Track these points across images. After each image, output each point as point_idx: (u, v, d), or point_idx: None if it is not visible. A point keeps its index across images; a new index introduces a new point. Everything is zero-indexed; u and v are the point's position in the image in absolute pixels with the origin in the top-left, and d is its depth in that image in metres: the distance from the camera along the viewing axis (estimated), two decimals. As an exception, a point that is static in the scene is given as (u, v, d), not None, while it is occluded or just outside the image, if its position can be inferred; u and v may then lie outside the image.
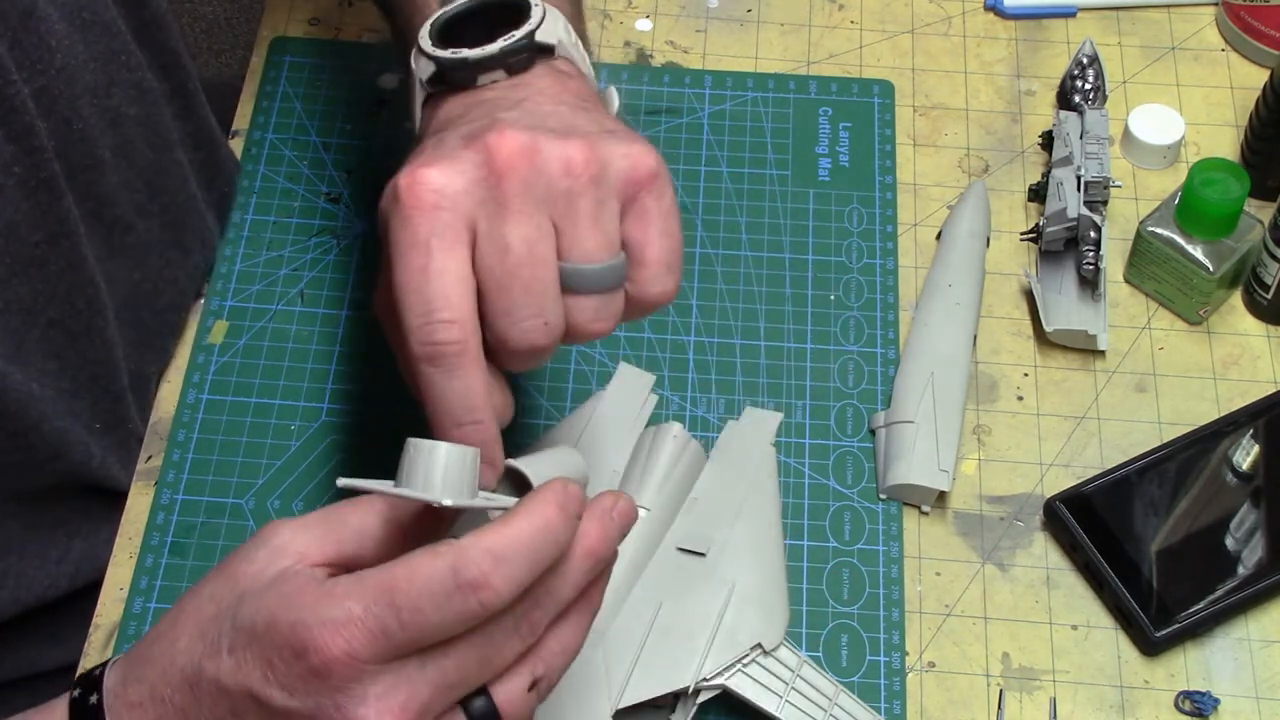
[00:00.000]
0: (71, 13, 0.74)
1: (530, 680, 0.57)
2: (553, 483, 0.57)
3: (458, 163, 0.59)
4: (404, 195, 0.59)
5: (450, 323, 0.58)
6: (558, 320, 0.60)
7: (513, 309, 0.59)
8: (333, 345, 0.88)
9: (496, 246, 0.58)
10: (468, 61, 0.66)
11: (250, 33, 2.02)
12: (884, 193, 0.94)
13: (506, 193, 0.59)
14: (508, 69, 0.66)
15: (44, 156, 0.71)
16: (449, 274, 0.58)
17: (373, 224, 0.93)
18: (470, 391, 0.58)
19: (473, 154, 0.59)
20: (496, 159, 0.59)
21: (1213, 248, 0.87)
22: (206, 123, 0.89)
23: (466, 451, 0.56)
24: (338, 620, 0.53)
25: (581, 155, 0.60)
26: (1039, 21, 1.03)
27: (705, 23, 1.03)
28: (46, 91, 0.72)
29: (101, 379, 0.79)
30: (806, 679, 0.74)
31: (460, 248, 0.58)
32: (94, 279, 0.77)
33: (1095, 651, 0.79)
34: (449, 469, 0.55)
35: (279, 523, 0.59)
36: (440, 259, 0.58)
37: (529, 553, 0.54)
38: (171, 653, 0.58)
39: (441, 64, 0.66)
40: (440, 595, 0.53)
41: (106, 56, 0.77)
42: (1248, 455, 0.83)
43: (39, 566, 0.80)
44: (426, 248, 0.58)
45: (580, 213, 0.60)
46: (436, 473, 0.55)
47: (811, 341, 0.88)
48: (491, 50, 0.65)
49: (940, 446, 0.82)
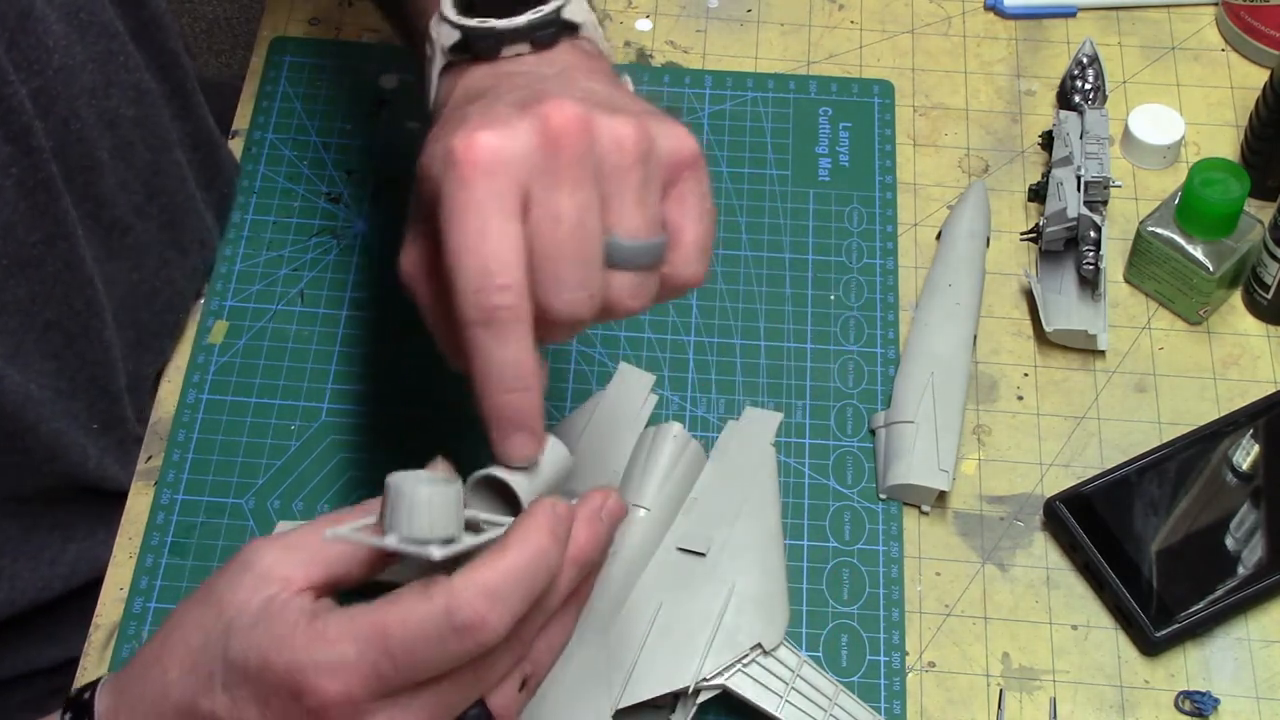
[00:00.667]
0: (69, 13, 0.74)
1: (520, 681, 0.58)
2: (542, 505, 0.57)
3: (513, 128, 0.58)
4: (461, 156, 0.57)
5: (507, 287, 0.56)
6: (601, 293, 0.59)
7: (561, 279, 0.58)
8: (333, 345, 0.88)
9: (550, 215, 0.58)
10: (494, 31, 0.65)
11: (250, 33, 2.02)
12: (884, 193, 0.94)
13: (562, 161, 0.58)
14: (533, 43, 0.65)
15: (42, 157, 0.71)
16: (507, 238, 0.57)
17: (373, 224, 0.93)
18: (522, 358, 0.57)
19: (529, 121, 0.58)
20: (553, 127, 0.58)
21: (1213, 248, 0.87)
22: (205, 123, 0.89)
23: (449, 489, 0.56)
24: (332, 663, 0.54)
25: (632, 132, 0.59)
26: (1039, 21, 1.03)
27: (705, 23, 1.03)
28: (44, 92, 0.72)
29: (99, 380, 0.79)
30: (806, 679, 0.74)
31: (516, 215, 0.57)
32: (92, 280, 0.77)
33: (1095, 651, 0.79)
34: (434, 511, 0.55)
35: (261, 545, 0.59)
36: (498, 222, 0.57)
37: (523, 586, 0.55)
38: (164, 683, 0.58)
39: (467, 32, 0.65)
40: (435, 638, 0.54)
41: (104, 57, 0.76)
42: (1248, 455, 0.83)
43: (34, 568, 0.80)
44: (484, 210, 0.57)
45: (629, 188, 0.59)
46: (422, 517, 0.55)
47: (811, 341, 0.88)
48: (519, 22, 0.65)
49: (940, 446, 0.82)
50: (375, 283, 0.91)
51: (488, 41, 0.65)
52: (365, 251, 0.92)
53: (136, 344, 0.84)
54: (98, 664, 0.77)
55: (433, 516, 0.55)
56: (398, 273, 0.62)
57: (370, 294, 0.90)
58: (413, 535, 0.55)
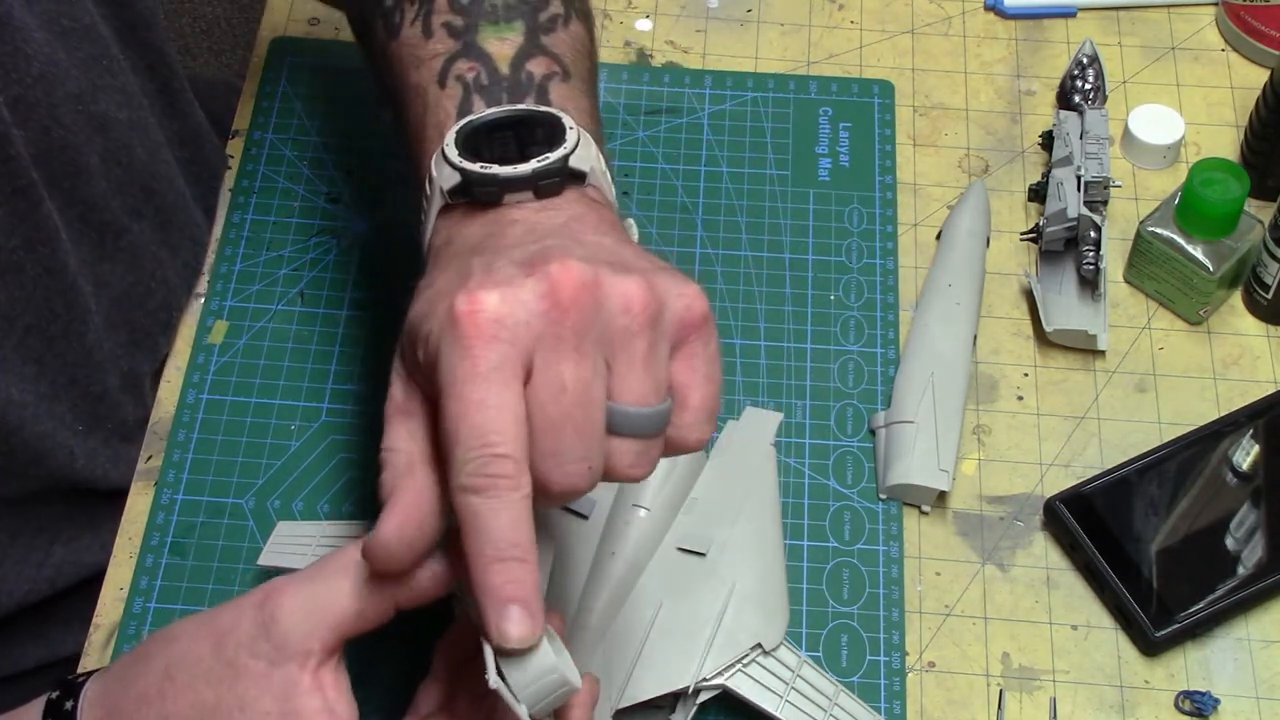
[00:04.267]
0: (50, 20, 0.73)
1: None
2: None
3: (519, 291, 0.55)
4: (463, 322, 0.54)
5: (506, 457, 0.54)
6: (600, 464, 0.56)
7: (561, 451, 0.55)
8: (333, 345, 0.88)
9: (552, 385, 0.55)
10: (497, 178, 0.62)
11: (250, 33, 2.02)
12: (884, 193, 0.94)
13: (567, 329, 0.55)
14: (536, 191, 0.62)
15: (20, 164, 0.71)
16: (507, 410, 0.54)
17: (373, 224, 0.93)
18: (518, 525, 0.54)
19: (534, 283, 0.55)
20: (561, 292, 0.55)
21: (1213, 248, 0.87)
22: (193, 120, 0.89)
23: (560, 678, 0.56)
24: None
25: (641, 294, 0.56)
26: (1039, 21, 1.03)
27: (705, 23, 1.03)
28: (23, 100, 0.71)
29: (81, 382, 0.79)
30: (806, 679, 0.74)
31: (517, 382, 0.55)
32: (74, 283, 0.77)
33: (1095, 651, 0.79)
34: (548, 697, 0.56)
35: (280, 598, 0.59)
36: (499, 393, 0.54)
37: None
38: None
39: (469, 176, 0.62)
40: None
41: (89, 62, 0.76)
42: (1248, 455, 0.83)
43: (20, 571, 0.80)
44: (486, 381, 0.54)
45: (635, 354, 0.56)
46: (540, 697, 0.56)
47: (811, 341, 0.88)
48: (524, 170, 0.62)
49: (940, 446, 0.82)
50: (375, 283, 0.91)
51: (490, 188, 0.62)
52: (365, 251, 0.92)
53: (130, 343, 0.84)
54: (97, 664, 0.77)
55: (544, 699, 0.56)
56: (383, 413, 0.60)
57: (370, 294, 0.90)
58: (527, 705, 0.55)
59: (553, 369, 0.55)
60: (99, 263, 0.80)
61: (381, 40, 0.73)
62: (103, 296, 0.80)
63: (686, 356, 0.59)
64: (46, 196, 0.74)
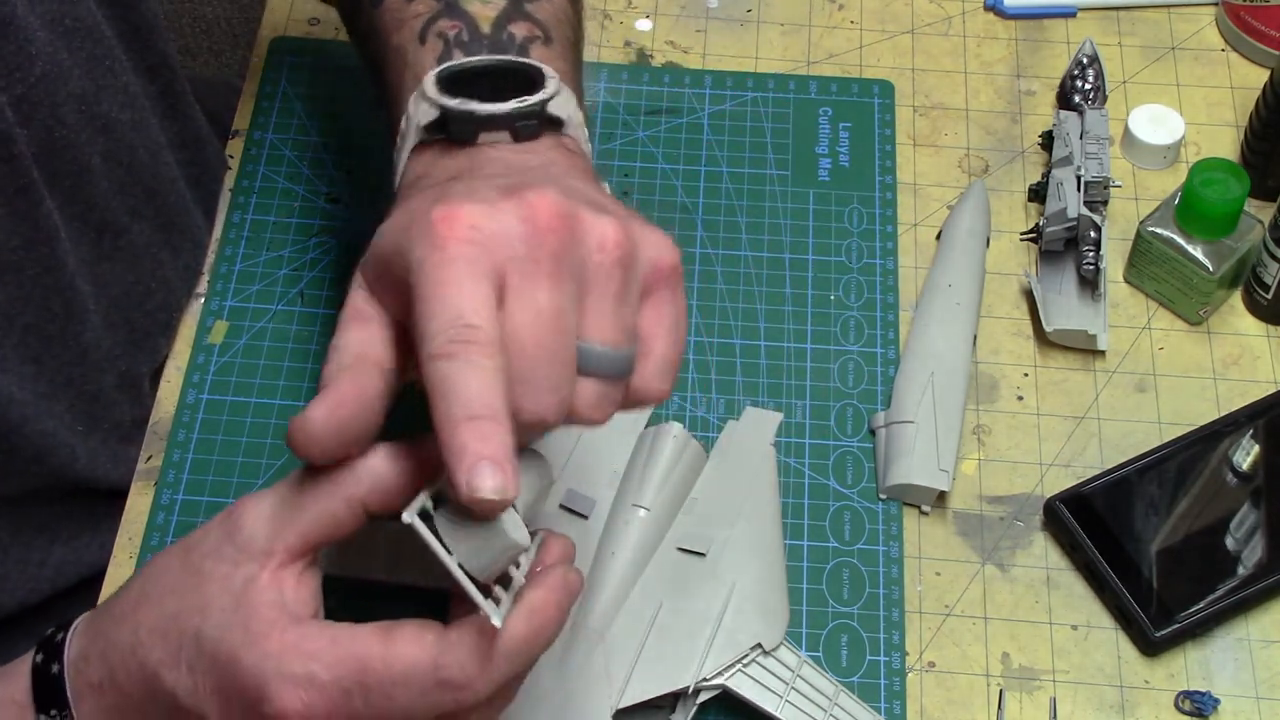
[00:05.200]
0: (53, 20, 0.73)
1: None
2: (555, 577, 0.55)
3: (496, 209, 0.54)
4: (439, 225, 0.53)
5: (477, 327, 0.52)
6: (569, 399, 0.54)
7: (533, 377, 0.53)
8: (333, 345, 0.88)
9: (527, 309, 0.53)
10: (475, 115, 0.62)
11: (250, 33, 2.02)
12: (884, 193, 0.94)
13: (544, 253, 0.54)
14: (514, 133, 0.62)
15: (22, 164, 0.71)
16: (480, 296, 0.52)
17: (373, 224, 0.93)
18: (491, 388, 0.51)
19: (512, 205, 0.54)
20: (539, 217, 0.54)
21: (1213, 248, 0.87)
22: (194, 121, 0.89)
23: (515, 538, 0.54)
24: (299, 678, 0.53)
25: (616, 234, 0.56)
26: (1039, 21, 1.03)
27: (705, 23, 1.03)
28: (26, 100, 0.71)
29: (77, 381, 0.79)
30: (806, 679, 0.74)
31: (491, 285, 0.53)
32: (73, 283, 0.77)
33: (1095, 651, 0.79)
34: (498, 557, 0.53)
35: (250, 506, 0.57)
36: (474, 282, 0.52)
37: (518, 657, 0.54)
38: (134, 640, 0.57)
39: (446, 112, 0.62)
40: (416, 688, 0.52)
41: (92, 63, 0.76)
42: (1248, 455, 0.83)
43: (22, 570, 0.80)
44: (459, 271, 0.53)
45: (607, 293, 0.55)
46: (490, 562, 0.53)
47: (811, 341, 0.88)
48: (503, 109, 0.62)
49: (940, 446, 0.82)
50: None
51: (466, 124, 0.62)
52: (365, 252, 0.92)
53: (130, 343, 0.84)
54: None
55: (496, 562, 0.53)
56: None
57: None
58: (471, 568, 0.53)
59: (528, 293, 0.53)
60: (98, 263, 0.80)
61: (367, 13, 0.73)
62: (102, 296, 0.80)
63: (655, 305, 0.58)
64: (47, 196, 0.74)
